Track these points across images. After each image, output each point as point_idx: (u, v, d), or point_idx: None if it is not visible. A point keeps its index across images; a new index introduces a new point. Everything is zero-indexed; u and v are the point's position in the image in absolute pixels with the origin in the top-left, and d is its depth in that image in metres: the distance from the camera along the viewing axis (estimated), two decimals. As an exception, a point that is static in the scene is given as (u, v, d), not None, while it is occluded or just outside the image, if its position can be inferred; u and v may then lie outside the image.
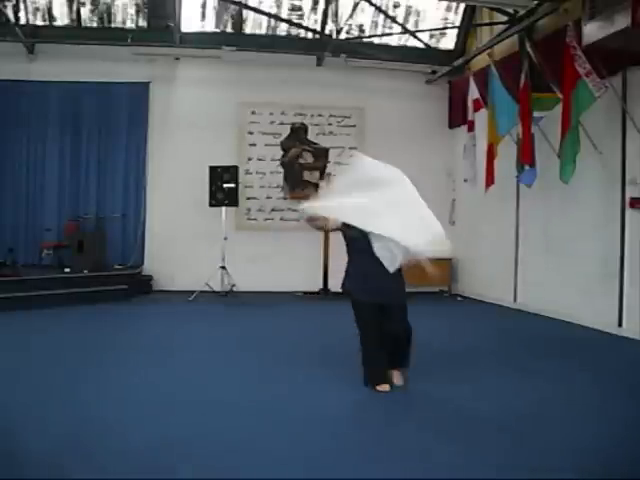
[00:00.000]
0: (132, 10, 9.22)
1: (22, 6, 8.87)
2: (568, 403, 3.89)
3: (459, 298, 9.35)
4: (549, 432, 3.29)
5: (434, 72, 9.82)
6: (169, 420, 3.39)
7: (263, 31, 9.58)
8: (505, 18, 7.89)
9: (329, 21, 9.25)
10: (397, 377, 4.13)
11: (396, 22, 9.35)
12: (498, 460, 2.90)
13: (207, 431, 3.22)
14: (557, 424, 3.44)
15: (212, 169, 8.85)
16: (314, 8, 9.34)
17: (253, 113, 9.67)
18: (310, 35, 9.60)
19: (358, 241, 3.96)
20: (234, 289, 8.73)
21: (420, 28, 9.48)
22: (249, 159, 9.66)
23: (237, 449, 3.00)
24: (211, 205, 8.87)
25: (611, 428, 3.37)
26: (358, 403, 3.83)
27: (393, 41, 9.85)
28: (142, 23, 9.31)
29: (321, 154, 8.77)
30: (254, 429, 3.28)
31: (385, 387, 3.98)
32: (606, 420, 3.52)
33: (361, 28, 9.65)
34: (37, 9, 9.01)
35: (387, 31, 9.72)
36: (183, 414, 3.51)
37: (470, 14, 9.27)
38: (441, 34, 9.76)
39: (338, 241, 4.36)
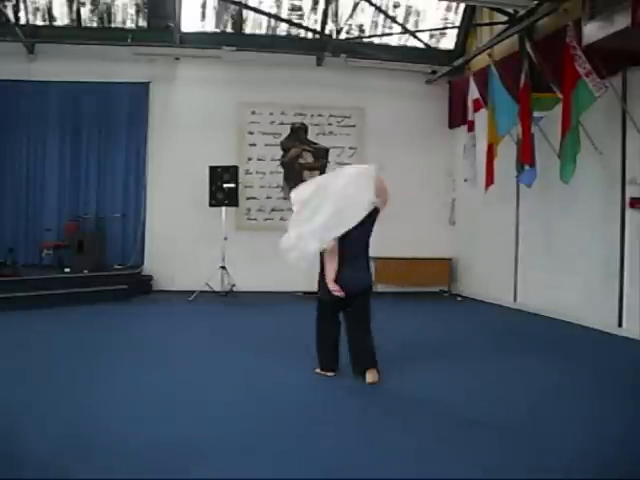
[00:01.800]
0: (132, 10, 9.22)
1: (22, 6, 8.87)
2: (567, 403, 3.89)
3: (459, 298, 9.35)
4: (548, 432, 3.29)
5: (434, 72, 9.82)
6: (169, 420, 3.39)
7: (263, 31, 9.58)
8: (505, 18, 7.88)
9: (329, 21, 9.26)
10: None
11: (396, 22, 9.35)
12: (497, 460, 2.90)
13: (207, 431, 3.22)
14: (556, 424, 3.44)
15: (212, 169, 8.85)
16: (314, 8, 9.34)
17: (253, 113, 9.67)
18: (310, 35, 9.60)
19: None
20: (234, 289, 8.74)
21: (420, 28, 9.48)
22: (249, 159, 9.66)
23: (236, 449, 3.00)
24: (211, 205, 8.87)
25: (610, 428, 3.37)
26: (360, 403, 3.83)
27: (393, 41, 9.85)
28: (142, 23, 9.31)
29: (321, 154, 8.77)
30: (255, 428, 3.28)
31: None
32: (605, 420, 3.52)
33: (361, 28, 9.65)
34: (37, 9, 9.01)
35: (387, 31, 9.72)
36: (183, 414, 3.51)
37: (470, 14, 9.27)
38: (441, 34, 9.77)
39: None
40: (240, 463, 2.83)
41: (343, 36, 9.37)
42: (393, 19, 9.38)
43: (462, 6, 9.22)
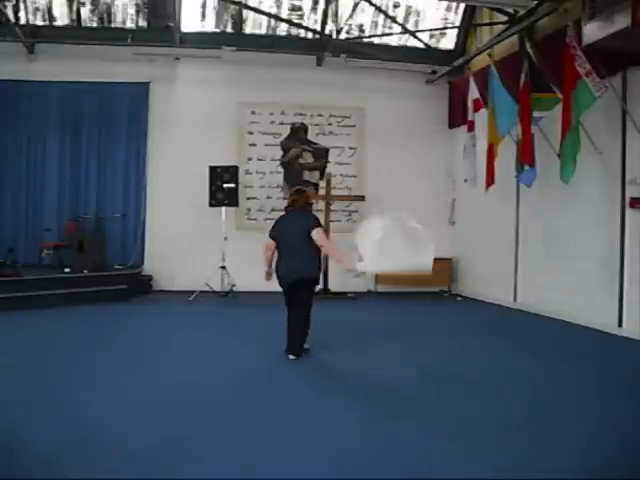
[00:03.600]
0: (132, 10, 9.23)
1: (22, 6, 8.88)
2: (567, 403, 3.89)
3: (459, 298, 9.35)
4: (547, 432, 3.29)
5: (434, 72, 9.82)
6: (169, 420, 3.39)
7: (263, 31, 9.59)
8: (505, 18, 7.89)
9: (329, 21, 9.26)
10: None
11: (396, 22, 9.35)
12: (498, 460, 2.90)
13: (207, 431, 3.22)
14: (556, 423, 3.44)
15: (212, 169, 8.85)
16: (314, 8, 9.35)
17: (253, 113, 9.67)
18: (310, 35, 9.60)
19: None
20: (234, 289, 8.73)
21: (420, 28, 9.49)
22: (249, 159, 9.66)
23: (237, 449, 3.00)
24: (211, 205, 8.87)
25: (611, 428, 3.37)
26: (360, 403, 3.83)
27: (393, 41, 9.86)
28: (142, 23, 9.32)
29: (321, 154, 8.78)
30: (253, 430, 3.28)
31: None
32: (606, 420, 3.52)
33: (361, 28, 9.65)
34: (37, 9, 9.02)
35: (387, 31, 9.73)
36: (183, 414, 3.51)
37: (470, 14, 9.28)
38: (441, 34, 9.77)
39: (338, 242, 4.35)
40: (241, 463, 2.82)
41: (343, 36, 9.38)
42: (393, 19, 9.39)
43: (462, 6, 9.23)
